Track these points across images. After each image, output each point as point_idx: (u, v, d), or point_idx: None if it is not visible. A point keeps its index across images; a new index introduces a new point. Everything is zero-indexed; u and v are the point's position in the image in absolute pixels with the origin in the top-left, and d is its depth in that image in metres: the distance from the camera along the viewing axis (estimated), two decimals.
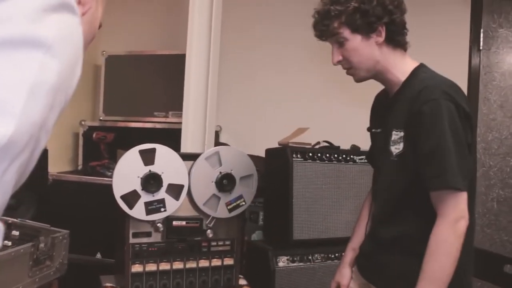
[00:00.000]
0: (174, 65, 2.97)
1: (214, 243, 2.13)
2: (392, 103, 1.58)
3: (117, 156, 2.04)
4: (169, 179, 1.99)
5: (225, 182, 2.07)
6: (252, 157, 2.57)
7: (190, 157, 2.07)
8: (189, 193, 2.04)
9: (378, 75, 1.59)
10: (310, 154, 2.36)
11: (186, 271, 2.09)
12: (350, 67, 1.59)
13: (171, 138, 2.56)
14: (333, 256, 2.36)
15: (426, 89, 1.43)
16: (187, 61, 2.54)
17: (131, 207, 1.94)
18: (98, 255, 2.74)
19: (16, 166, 0.55)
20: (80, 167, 3.06)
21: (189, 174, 2.04)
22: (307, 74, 3.28)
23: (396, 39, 1.55)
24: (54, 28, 0.57)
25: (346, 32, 1.53)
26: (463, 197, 1.39)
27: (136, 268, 2.01)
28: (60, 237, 1.88)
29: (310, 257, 2.31)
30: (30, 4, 0.56)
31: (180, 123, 2.64)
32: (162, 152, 1.99)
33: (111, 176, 2.00)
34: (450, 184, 1.38)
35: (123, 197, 1.93)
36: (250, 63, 3.36)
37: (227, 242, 2.15)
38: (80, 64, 0.64)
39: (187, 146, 2.53)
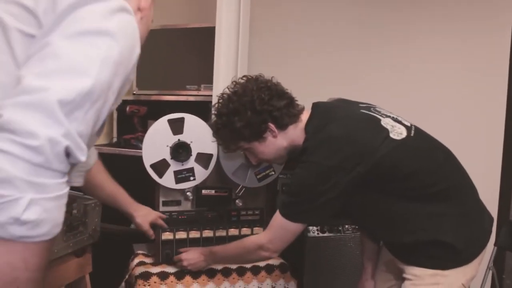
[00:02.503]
0: (206, 38, 2.97)
1: (243, 212, 2.16)
2: None
3: (148, 126, 2.07)
4: (198, 148, 2.01)
5: None
6: None
7: None
8: (218, 163, 2.06)
9: (293, 151, 1.70)
10: None
11: (216, 239, 2.12)
12: (268, 162, 1.93)
13: (203, 111, 2.56)
14: None
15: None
16: (216, 33, 2.54)
17: (160, 175, 1.98)
18: (133, 226, 2.79)
19: (94, 109, 0.84)
20: (114, 140, 3.12)
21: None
22: (348, 52, 3.19)
23: (286, 122, 1.67)
24: (116, 23, 0.89)
25: (244, 145, 1.72)
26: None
27: (166, 235, 2.06)
28: (93, 204, 1.93)
29: (340, 228, 2.31)
30: (102, 9, 0.87)
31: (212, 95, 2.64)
32: (191, 121, 2.01)
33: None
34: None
35: (152, 166, 1.97)
36: (284, 37, 3.32)
37: (256, 212, 2.17)
38: (137, 46, 0.94)
39: None
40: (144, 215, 1.98)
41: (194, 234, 2.10)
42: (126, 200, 1.96)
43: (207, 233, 2.12)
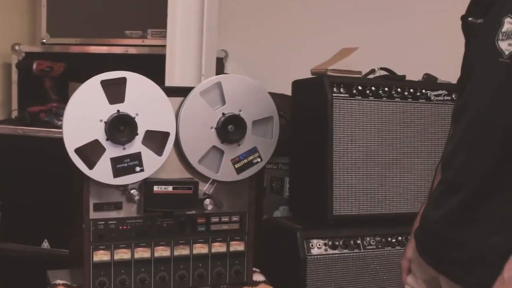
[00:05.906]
0: None
1: (215, 219, 2.18)
2: None
3: (69, 93, 2.07)
4: (148, 124, 2.03)
5: (230, 129, 2.11)
6: (273, 95, 2.60)
7: (179, 92, 2.11)
8: (177, 145, 2.08)
9: None
10: (360, 88, 2.37)
11: (174, 261, 2.15)
12: None
13: (152, 68, 2.56)
14: (394, 240, 2.40)
15: None
16: None
17: (91, 165, 1.99)
18: (45, 244, 2.79)
19: None
20: (15, 115, 3.09)
21: (176, 117, 2.08)
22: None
23: None
24: None
25: None
26: None
27: (100, 255, 2.07)
28: None
29: (358, 241, 2.35)
30: None
31: (165, 46, 2.66)
32: (136, 83, 2.02)
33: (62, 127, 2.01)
34: None
35: (78, 151, 1.97)
36: None
37: (235, 218, 2.21)
38: None
39: (174, 78, 2.57)
40: None
41: (142, 252, 2.12)
42: None
43: (162, 251, 2.14)
